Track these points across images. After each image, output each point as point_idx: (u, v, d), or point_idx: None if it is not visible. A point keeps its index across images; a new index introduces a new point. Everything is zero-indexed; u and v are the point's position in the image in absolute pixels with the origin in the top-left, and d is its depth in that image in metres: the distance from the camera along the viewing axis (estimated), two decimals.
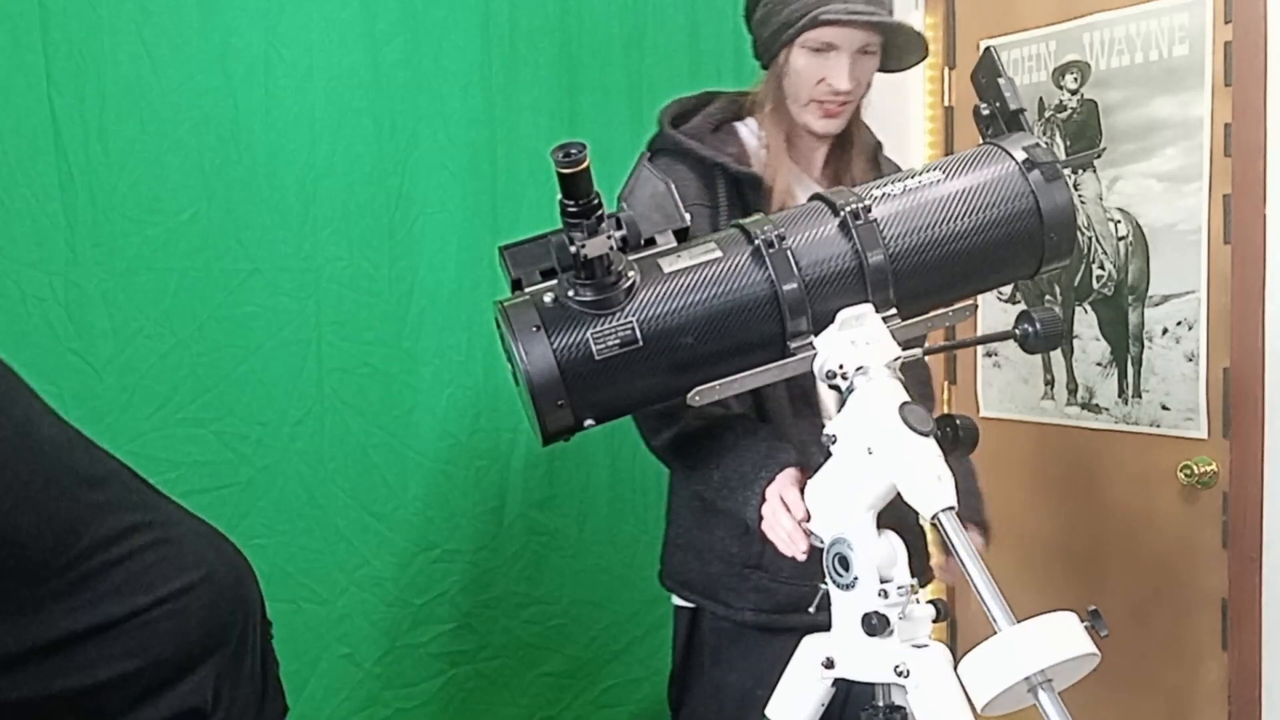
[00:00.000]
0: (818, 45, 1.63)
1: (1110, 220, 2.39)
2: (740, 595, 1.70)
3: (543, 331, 1.22)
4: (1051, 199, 1.33)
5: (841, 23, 1.60)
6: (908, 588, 1.21)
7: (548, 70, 2.36)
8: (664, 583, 1.84)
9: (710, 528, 1.72)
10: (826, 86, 1.64)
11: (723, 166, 1.66)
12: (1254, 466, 2.14)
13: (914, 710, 1.18)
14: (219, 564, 1.44)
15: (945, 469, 1.12)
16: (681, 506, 1.81)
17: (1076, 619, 1.03)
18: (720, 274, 1.27)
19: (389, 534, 2.21)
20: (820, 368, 1.26)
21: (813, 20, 1.59)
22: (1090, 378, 2.46)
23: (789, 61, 1.66)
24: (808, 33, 1.62)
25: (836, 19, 1.59)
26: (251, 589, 1.49)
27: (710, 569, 1.73)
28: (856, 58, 1.64)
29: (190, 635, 1.36)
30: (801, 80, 1.66)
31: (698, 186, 1.65)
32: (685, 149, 1.68)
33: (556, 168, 1.11)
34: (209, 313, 2.04)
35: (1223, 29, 2.15)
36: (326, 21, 2.13)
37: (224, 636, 1.41)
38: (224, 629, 1.41)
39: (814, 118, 1.68)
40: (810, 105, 1.67)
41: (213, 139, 2.04)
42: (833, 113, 1.67)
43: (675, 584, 1.82)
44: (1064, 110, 2.46)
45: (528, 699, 2.37)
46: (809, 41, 1.63)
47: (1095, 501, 2.47)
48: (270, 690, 1.51)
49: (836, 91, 1.64)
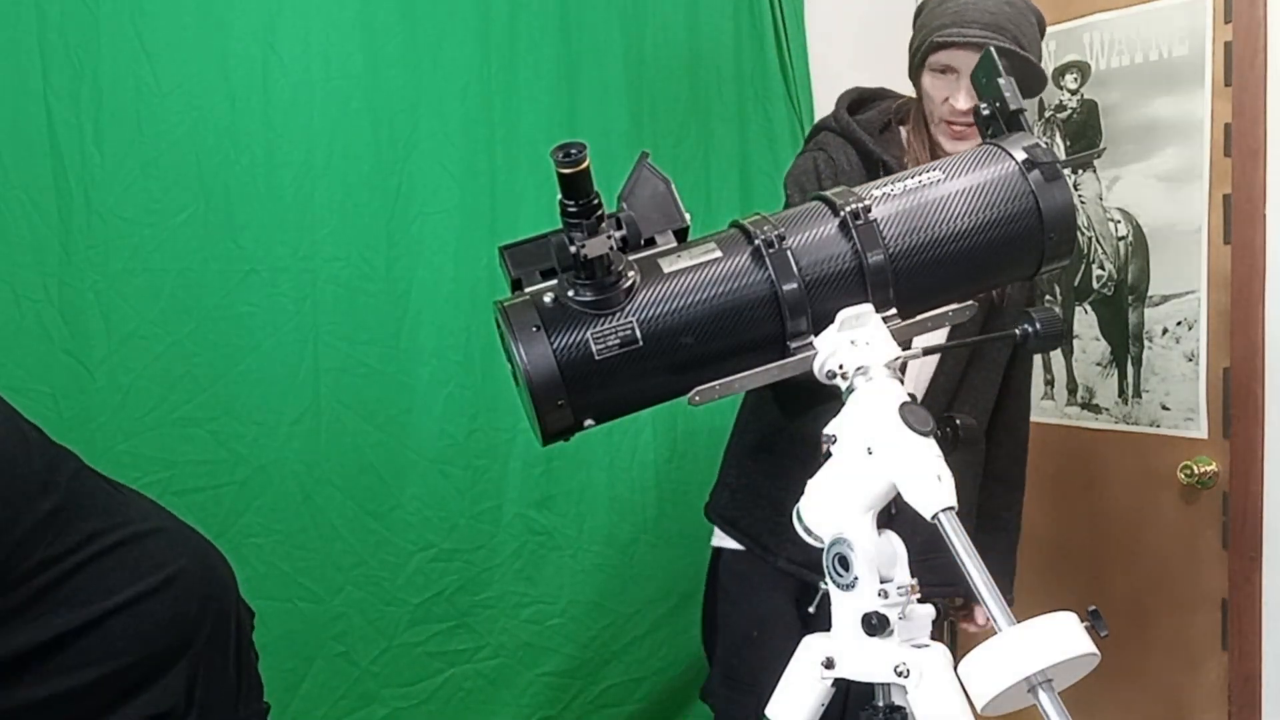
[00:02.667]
0: (940, 67, 1.78)
1: (1110, 220, 2.39)
2: (780, 544, 1.84)
3: (543, 331, 1.22)
4: (1051, 199, 1.33)
5: (953, 44, 1.74)
6: (908, 588, 1.21)
7: (548, 70, 2.36)
8: (708, 515, 2.02)
9: (774, 476, 1.86)
10: (949, 107, 1.78)
11: (885, 163, 1.80)
12: (1254, 466, 2.14)
13: (914, 710, 1.18)
14: (188, 562, 1.41)
15: (945, 469, 1.12)
16: (745, 454, 1.97)
17: (1076, 619, 1.03)
18: (720, 274, 1.27)
19: (386, 533, 2.21)
20: (820, 368, 1.26)
21: (931, 45, 1.75)
22: (1090, 378, 2.46)
23: (922, 83, 1.82)
24: (931, 56, 1.77)
25: (947, 40, 1.73)
26: (224, 584, 1.46)
27: (759, 512, 1.90)
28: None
29: (154, 639, 1.34)
30: (931, 102, 1.81)
31: (861, 173, 1.81)
32: (856, 137, 1.84)
33: (556, 168, 1.11)
34: (205, 313, 2.04)
35: (1223, 29, 2.15)
36: (325, 22, 2.13)
37: (192, 636, 1.38)
38: (193, 628, 1.38)
39: (945, 138, 1.82)
40: (941, 125, 1.81)
41: (210, 139, 2.04)
42: (960, 134, 1.79)
43: (721, 520, 1.98)
44: (1064, 110, 2.46)
45: (527, 699, 2.37)
46: (934, 64, 1.78)
47: (1095, 501, 2.47)
48: (246, 688, 1.49)
49: (956, 111, 1.77)
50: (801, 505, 1.25)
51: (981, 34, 1.71)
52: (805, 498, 1.26)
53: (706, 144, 2.52)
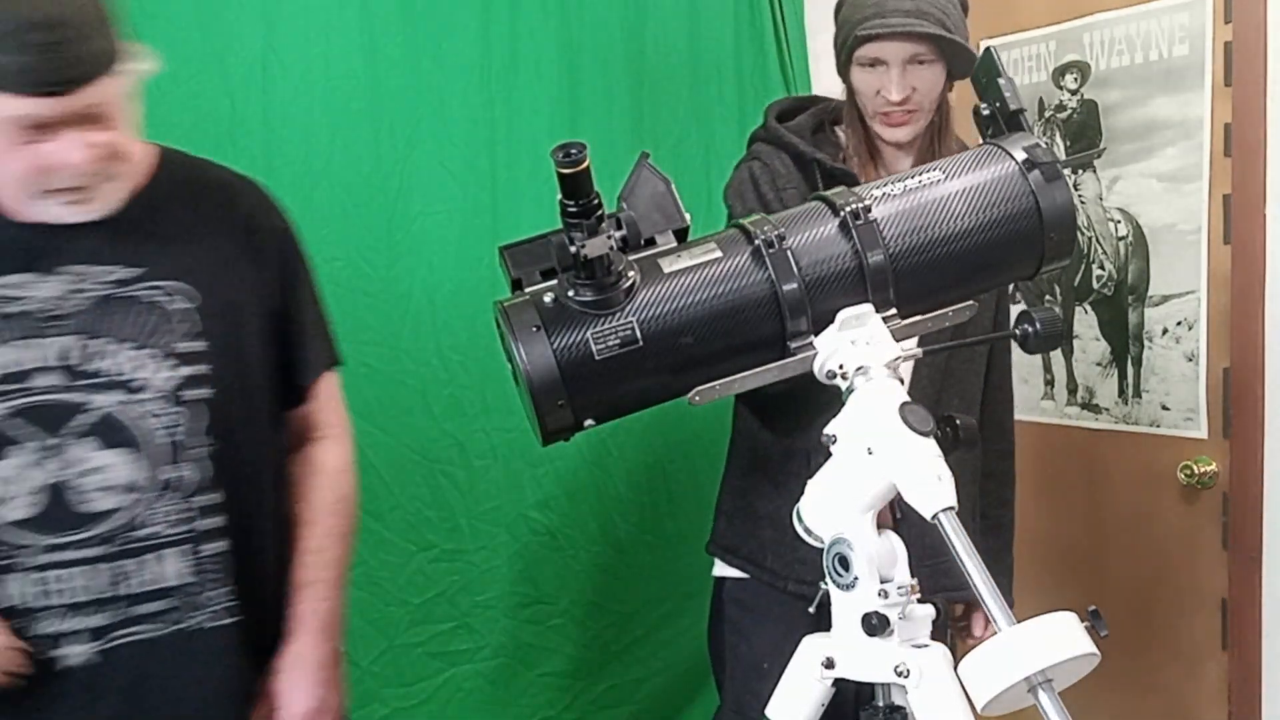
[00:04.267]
0: (867, 61, 1.74)
1: (1110, 220, 2.39)
2: (787, 565, 1.78)
3: (543, 331, 1.22)
4: (1051, 199, 1.33)
5: (877, 36, 1.71)
6: (908, 588, 1.21)
7: (548, 70, 2.36)
8: (709, 550, 1.95)
9: (771, 497, 1.81)
10: (882, 99, 1.75)
11: (819, 162, 1.77)
12: (1254, 466, 2.14)
13: (914, 710, 1.18)
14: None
15: (945, 469, 1.12)
16: (737, 477, 1.92)
17: (1076, 619, 1.03)
18: (720, 274, 1.27)
19: (386, 534, 2.21)
20: (820, 368, 1.26)
21: (855, 40, 1.72)
22: (1090, 378, 2.46)
23: (852, 79, 1.79)
24: (858, 50, 1.74)
25: (871, 33, 1.70)
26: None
27: (762, 534, 1.83)
28: (909, 68, 1.73)
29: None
30: (864, 96, 1.78)
31: (798, 177, 1.78)
32: (787, 142, 1.80)
33: (556, 168, 1.11)
34: None
35: (1223, 29, 2.15)
36: (325, 21, 2.13)
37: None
38: None
39: (883, 128, 1.79)
40: (877, 118, 1.78)
41: (209, 139, 2.03)
42: (897, 121, 1.77)
43: (720, 550, 1.92)
44: (1064, 110, 2.46)
45: (527, 699, 2.37)
46: (861, 59, 1.75)
47: (1095, 501, 2.47)
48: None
49: (891, 102, 1.74)
50: (801, 505, 1.25)
51: (904, 21, 1.68)
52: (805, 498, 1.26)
53: (706, 144, 2.52)
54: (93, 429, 1.38)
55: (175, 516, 1.41)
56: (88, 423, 1.37)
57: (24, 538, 1.36)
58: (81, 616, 1.38)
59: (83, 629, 1.39)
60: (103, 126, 1.34)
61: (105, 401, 1.38)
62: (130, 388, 1.38)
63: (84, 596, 1.38)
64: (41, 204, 1.36)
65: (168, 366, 1.40)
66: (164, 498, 1.40)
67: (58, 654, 1.38)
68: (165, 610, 1.41)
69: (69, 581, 1.38)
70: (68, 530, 1.37)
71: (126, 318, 1.39)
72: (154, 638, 1.41)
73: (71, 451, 1.37)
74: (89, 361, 1.37)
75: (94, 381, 1.37)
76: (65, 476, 1.37)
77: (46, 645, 1.38)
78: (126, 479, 1.38)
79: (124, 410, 1.38)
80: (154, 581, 1.40)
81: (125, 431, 1.38)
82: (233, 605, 1.46)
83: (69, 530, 1.37)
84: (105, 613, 1.39)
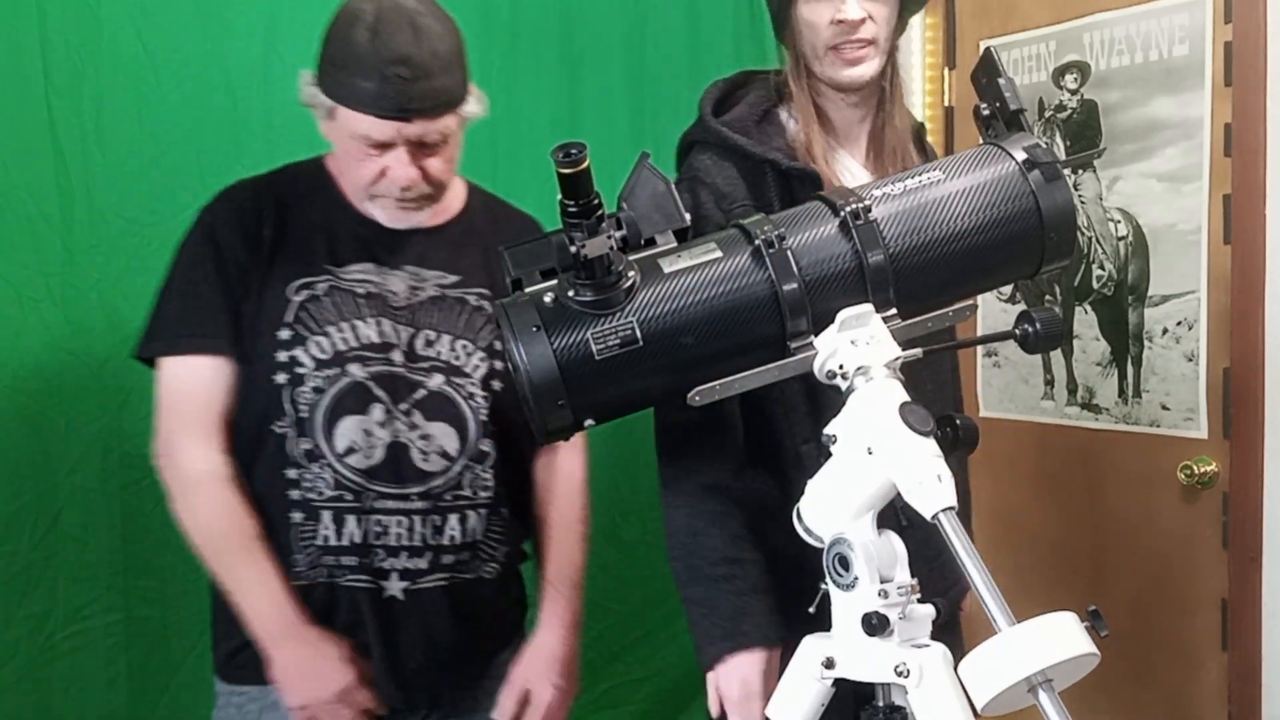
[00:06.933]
0: None
1: (1110, 220, 2.39)
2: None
3: (543, 331, 1.22)
4: (1051, 199, 1.33)
5: None
6: (908, 588, 1.21)
7: (548, 69, 2.36)
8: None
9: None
10: (840, 25, 1.56)
11: (773, 163, 1.59)
12: (1254, 466, 2.14)
13: (914, 710, 1.18)
14: None
15: (945, 469, 1.12)
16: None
17: (1076, 619, 1.03)
18: (720, 274, 1.27)
19: None
20: (820, 368, 1.26)
21: None
22: (1090, 378, 2.46)
23: (798, 16, 1.59)
24: None
25: None
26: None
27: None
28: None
29: None
30: (814, 30, 1.58)
31: (746, 185, 1.58)
32: (732, 144, 1.60)
33: (556, 168, 1.11)
34: None
35: (1223, 29, 2.15)
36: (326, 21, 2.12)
37: None
38: None
39: (838, 70, 1.59)
40: (829, 56, 1.59)
41: (211, 139, 2.03)
42: (854, 58, 1.58)
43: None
44: (1064, 110, 2.46)
45: None
46: None
47: (1095, 501, 2.47)
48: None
49: (848, 24, 1.55)
50: (802, 505, 1.26)
51: None
52: (805, 498, 1.26)
53: None
54: (427, 401, 1.63)
55: (479, 483, 1.67)
56: (422, 396, 1.63)
57: (370, 484, 1.61)
58: (401, 559, 1.62)
59: (402, 568, 1.62)
60: (433, 154, 1.59)
61: (436, 381, 1.65)
62: (454, 372, 1.66)
63: (406, 541, 1.62)
64: (373, 206, 1.64)
65: (479, 358, 1.68)
66: (472, 467, 1.66)
67: (382, 585, 1.62)
68: (465, 561, 1.66)
69: (396, 527, 1.62)
70: (404, 484, 1.62)
71: (450, 314, 1.68)
72: (451, 583, 1.65)
73: (414, 417, 1.62)
74: (428, 347, 1.65)
75: (429, 364, 1.65)
76: (409, 439, 1.62)
77: (378, 577, 1.62)
78: (452, 447, 1.64)
79: (451, 390, 1.65)
80: (460, 536, 1.65)
81: (452, 408, 1.65)
82: (506, 563, 1.73)
83: (404, 484, 1.62)
84: (421, 558, 1.63)
